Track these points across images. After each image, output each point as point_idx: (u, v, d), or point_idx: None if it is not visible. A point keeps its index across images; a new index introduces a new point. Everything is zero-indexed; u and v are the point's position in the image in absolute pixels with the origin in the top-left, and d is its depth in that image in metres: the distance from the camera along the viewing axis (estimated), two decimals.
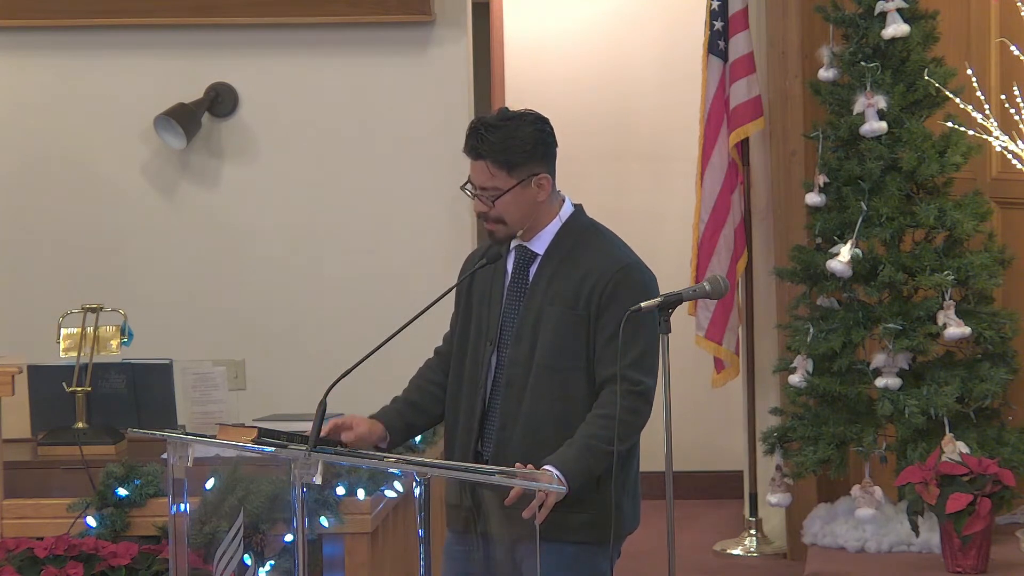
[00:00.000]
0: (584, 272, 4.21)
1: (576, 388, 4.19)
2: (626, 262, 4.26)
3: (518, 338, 4.23)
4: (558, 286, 4.22)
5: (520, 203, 4.22)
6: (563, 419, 4.17)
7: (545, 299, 4.22)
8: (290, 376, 6.74)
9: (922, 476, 5.66)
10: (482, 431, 4.27)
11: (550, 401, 4.19)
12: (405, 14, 6.80)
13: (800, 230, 6.77)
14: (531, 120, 4.28)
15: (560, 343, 4.19)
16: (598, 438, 4.09)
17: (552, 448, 4.11)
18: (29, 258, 6.97)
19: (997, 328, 6.13)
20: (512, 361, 4.23)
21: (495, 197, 4.20)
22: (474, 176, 4.23)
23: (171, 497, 4.34)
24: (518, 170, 4.21)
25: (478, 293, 4.34)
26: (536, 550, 3.92)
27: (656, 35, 8.45)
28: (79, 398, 5.86)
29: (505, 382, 4.23)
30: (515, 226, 4.23)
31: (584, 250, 4.25)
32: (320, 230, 6.94)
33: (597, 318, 4.19)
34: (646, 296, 4.18)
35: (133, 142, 6.96)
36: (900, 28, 6.24)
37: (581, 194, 9.22)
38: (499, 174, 4.20)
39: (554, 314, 4.20)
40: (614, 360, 4.13)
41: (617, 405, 4.08)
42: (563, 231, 4.29)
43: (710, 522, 7.80)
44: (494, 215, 4.22)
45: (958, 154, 6.18)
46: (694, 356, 7.41)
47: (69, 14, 6.85)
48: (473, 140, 4.22)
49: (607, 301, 4.18)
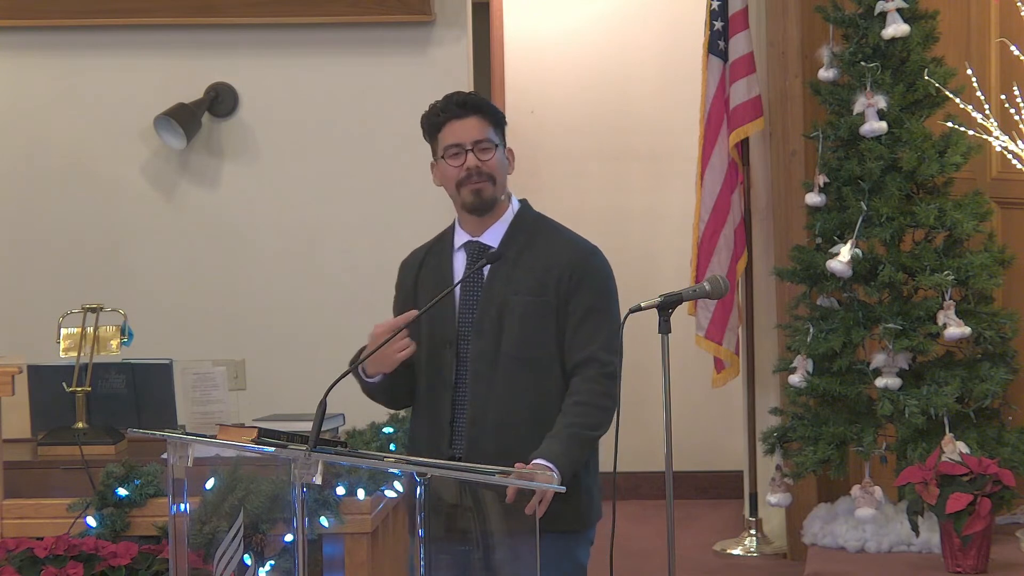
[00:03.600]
0: (548, 260, 4.24)
1: (547, 376, 4.22)
2: (587, 248, 4.31)
3: (479, 332, 4.24)
4: (521, 276, 4.23)
5: (503, 166, 4.30)
6: (536, 408, 4.20)
7: (508, 290, 4.24)
8: (290, 376, 6.74)
9: (922, 476, 5.66)
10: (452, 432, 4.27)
11: (522, 391, 4.21)
12: (405, 14, 6.81)
13: (800, 230, 6.77)
14: None
15: (528, 332, 4.21)
16: (580, 426, 4.13)
17: (527, 438, 4.14)
18: (29, 258, 6.98)
19: (997, 328, 6.13)
20: (476, 355, 4.24)
21: (491, 148, 4.25)
22: (466, 133, 4.26)
23: (171, 497, 4.34)
24: (501, 132, 4.31)
25: (424, 295, 4.34)
26: (536, 545, 3.93)
27: (656, 35, 8.46)
28: (79, 398, 5.86)
29: (471, 377, 4.24)
30: (499, 189, 4.29)
31: (543, 239, 4.29)
32: (320, 230, 6.95)
33: (565, 303, 4.22)
34: (607, 279, 4.27)
35: (133, 142, 6.96)
36: (900, 28, 6.24)
37: (581, 194, 9.17)
38: (489, 130, 4.27)
39: (519, 304, 4.23)
40: (585, 343, 4.18)
41: (603, 393, 4.14)
42: (516, 223, 4.32)
43: (710, 522, 7.80)
44: (487, 170, 4.25)
45: (958, 154, 6.18)
46: (694, 356, 7.41)
47: (69, 14, 6.85)
48: (459, 97, 4.29)
49: (574, 287, 4.23)
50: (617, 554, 4.32)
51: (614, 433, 4.19)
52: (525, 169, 8.50)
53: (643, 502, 7.88)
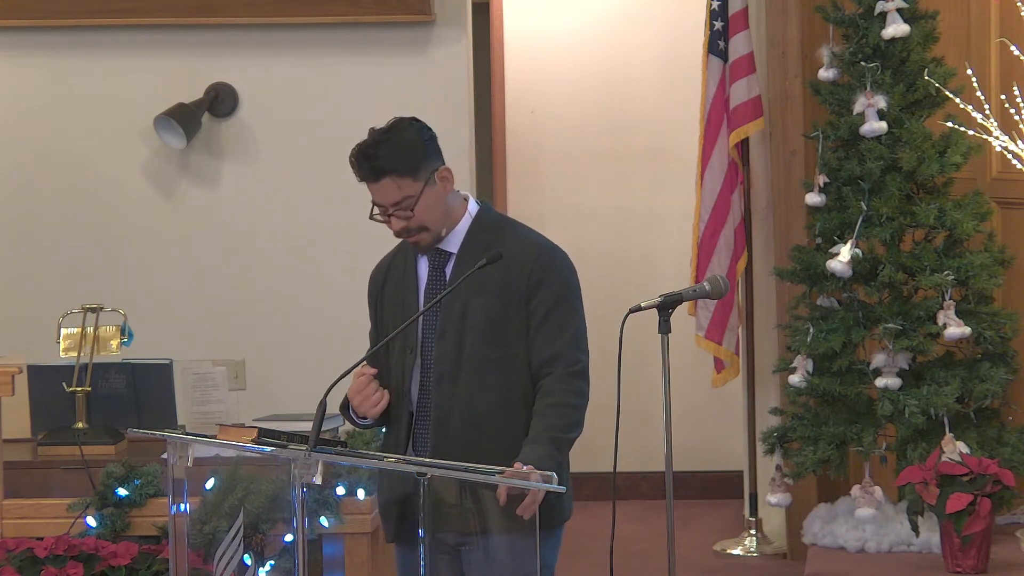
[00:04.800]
0: (507, 260, 4.23)
1: (512, 376, 4.22)
2: (548, 246, 4.31)
3: (442, 335, 4.25)
4: (481, 279, 4.23)
5: (434, 202, 4.26)
6: (502, 407, 4.21)
7: (470, 292, 4.24)
8: (290, 376, 6.74)
9: (922, 476, 5.66)
10: (411, 436, 4.27)
11: (486, 391, 4.21)
12: (405, 14, 6.80)
13: (800, 230, 6.77)
14: (406, 124, 4.33)
15: (491, 332, 4.22)
16: (558, 428, 4.14)
17: (493, 439, 4.15)
18: (29, 258, 6.97)
19: (997, 328, 6.13)
20: (440, 358, 4.24)
21: (411, 206, 4.24)
22: (381, 197, 4.27)
23: (171, 497, 4.34)
24: (420, 172, 4.25)
25: (389, 305, 4.37)
26: (536, 545, 3.93)
27: (656, 35, 8.45)
28: (79, 398, 5.86)
29: (435, 379, 4.24)
30: (437, 228, 4.28)
31: (502, 240, 4.28)
32: (320, 230, 6.94)
33: (528, 302, 4.23)
34: (569, 276, 4.27)
35: (133, 142, 6.96)
36: (900, 28, 6.24)
37: (581, 194, 9.17)
38: (405, 183, 4.24)
39: (481, 305, 4.23)
40: (550, 342, 4.19)
41: (573, 391, 4.14)
42: (475, 227, 4.32)
43: (710, 522, 7.80)
44: (415, 225, 4.26)
45: (958, 154, 6.18)
46: (694, 356, 7.41)
47: (69, 14, 6.85)
48: (366, 163, 4.27)
49: (535, 284, 4.23)
50: (617, 554, 4.32)
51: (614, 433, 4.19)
52: (525, 169, 8.54)
53: (643, 502, 7.88)
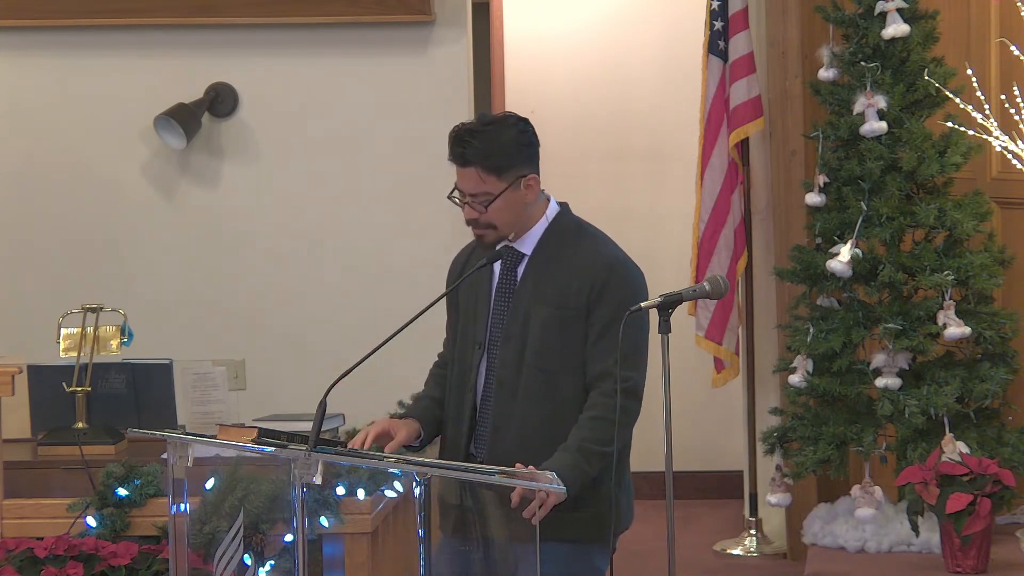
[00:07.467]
0: (571, 272, 4.19)
1: (566, 389, 4.19)
2: (613, 259, 4.23)
3: (507, 339, 4.23)
4: (545, 287, 4.21)
5: (511, 206, 4.20)
6: (554, 420, 4.17)
7: (532, 300, 4.21)
8: (290, 376, 6.74)
9: (922, 476, 5.66)
10: (473, 433, 4.27)
11: (540, 401, 4.19)
12: (405, 14, 6.81)
13: (800, 230, 6.77)
14: (513, 122, 4.23)
15: (548, 344, 4.19)
16: (591, 440, 4.10)
17: (543, 449, 4.11)
18: (29, 258, 6.98)
19: (997, 328, 6.13)
20: (503, 362, 4.23)
21: (487, 203, 4.18)
22: (463, 183, 4.20)
23: (171, 497, 4.34)
24: (507, 173, 4.17)
25: (464, 297, 4.34)
26: (536, 550, 3.92)
27: (656, 35, 8.46)
28: (79, 398, 5.86)
29: (496, 383, 4.23)
30: (505, 230, 4.22)
31: (570, 250, 4.24)
32: (320, 230, 6.95)
33: (587, 316, 4.18)
34: (635, 292, 4.19)
35: (133, 142, 6.96)
36: (900, 28, 6.24)
37: (581, 194, 9.26)
38: (489, 179, 4.17)
39: (541, 315, 4.20)
40: (603, 357, 4.14)
41: (616, 407, 4.08)
42: (549, 231, 4.26)
43: (710, 522, 7.80)
44: (484, 221, 4.20)
45: (958, 154, 6.18)
46: (694, 356, 7.41)
47: (69, 14, 6.85)
48: (459, 147, 4.18)
49: (596, 299, 4.18)
50: (617, 554, 4.32)
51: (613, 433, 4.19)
52: None
53: (643, 502, 7.80)
